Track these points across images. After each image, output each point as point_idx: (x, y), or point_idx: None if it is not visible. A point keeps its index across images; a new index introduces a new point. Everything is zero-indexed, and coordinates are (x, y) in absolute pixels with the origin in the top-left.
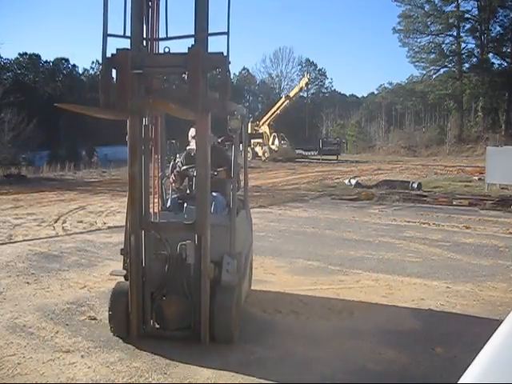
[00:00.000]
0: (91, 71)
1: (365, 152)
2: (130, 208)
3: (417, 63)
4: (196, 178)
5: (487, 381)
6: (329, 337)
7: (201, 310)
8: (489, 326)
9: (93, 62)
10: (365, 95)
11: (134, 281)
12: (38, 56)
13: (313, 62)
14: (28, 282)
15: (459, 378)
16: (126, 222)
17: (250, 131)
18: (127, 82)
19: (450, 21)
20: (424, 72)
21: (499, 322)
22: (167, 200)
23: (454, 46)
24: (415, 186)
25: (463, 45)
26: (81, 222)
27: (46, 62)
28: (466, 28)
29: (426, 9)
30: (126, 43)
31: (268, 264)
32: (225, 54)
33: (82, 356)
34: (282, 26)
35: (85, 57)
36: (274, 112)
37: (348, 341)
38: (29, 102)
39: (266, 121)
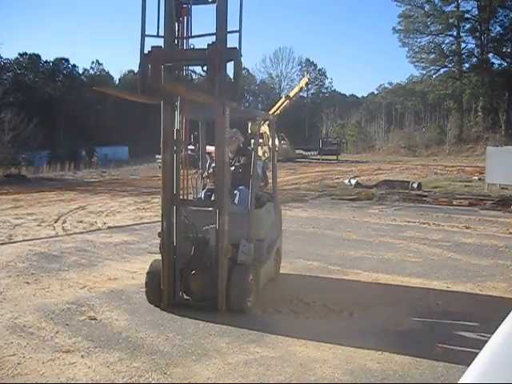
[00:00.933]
0: (91, 71)
1: (365, 152)
2: (163, 188)
3: (417, 63)
4: (215, 160)
5: (487, 381)
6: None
7: (218, 283)
8: (489, 326)
9: (93, 62)
10: (365, 95)
11: (166, 258)
12: (38, 56)
13: (313, 62)
14: (28, 282)
15: (459, 378)
16: (162, 208)
17: (249, 131)
18: (159, 73)
19: (450, 21)
20: (424, 72)
21: (499, 322)
22: (201, 192)
23: (453, 46)
24: (415, 185)
25: (463, 45)
26: (81, 222)
27: (46, 62)
28: (466, 28)
29: (425, 9)
30: (159, 41)
31: None
32: (237, 48)
33: (82, 356)
34: (281, 26)
35: (85, 57)
36: (274, 112)
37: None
38: (29, 102)
39: (266, 121)
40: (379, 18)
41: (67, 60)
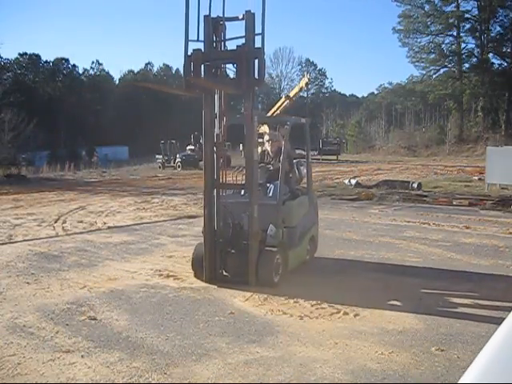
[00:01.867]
0: (91, 71)
1: (365, 152)
2: (204, 173)
3: (417, 63)
4: (245, 150)
5: (487, 381)
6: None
7: (249, 262)
8: (489, 326)
9: (93, 62)
10: (365, 95)
11: (208, 241)
12: (38, 56)
13: (313, 62)
14: (28, 282)
15: (459, 378)
16: (204, 199)
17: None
18: (199, 71)
19: (450, 21)
20: (424, 72)
21: (499, 322)
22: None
23: (453, 46)
24: (415, 186)
25: (463, 45)
26: (81, 222)
27: (46, 62)
28: (465, 28)
29: (425, 9)
30: (199, 45)
31: None
32: (261, 48)
33: (82, 356)
34: (281, 26)
35: (85, 57)
36: (274, 112)
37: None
38: (29, 102)
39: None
40: (379, 18)
41: (67, 60)
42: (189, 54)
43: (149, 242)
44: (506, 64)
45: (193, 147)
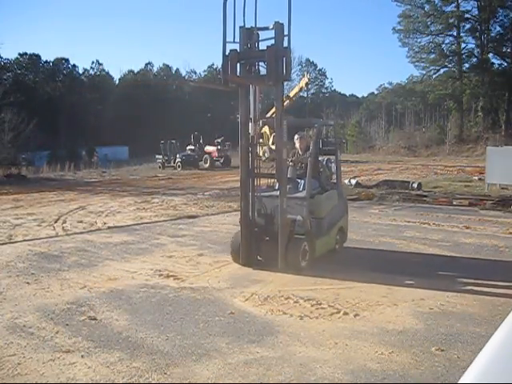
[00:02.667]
0: (91, 71)
1: (365, 152)
2: (241, 164)
3: (417, 63)
4: (275, 149)
5: (487, 381)
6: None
7: (279, 248)
8: (489, 326)
9: (93, 62)
10: (365, 95)
11: (244, 229)
12: (38, 56)
13: (313, 61)
14: (28, 282)
15: (459, 378)
16: (241, 192)
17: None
18: (235, 68)
19: (450, 21)
20: (424, 72)
21: (499, 322)
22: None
23: (453, 46)
24: (415, 186)
25: (463, 45)
26: (81, 222)
27: (46, 62)
28: (466, 28)
29: (426, 9)
30: (235, 45)
31: None
32: (288, 48)
33: (82, 356)
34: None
35: (85, 57)
36: (274, 112)
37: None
38: (29, 102)
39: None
40: (379, 18)
41: (67, 60)
42: (226, 54)
43: (149, 242)
44: (506, 64)
45: (193, 147)
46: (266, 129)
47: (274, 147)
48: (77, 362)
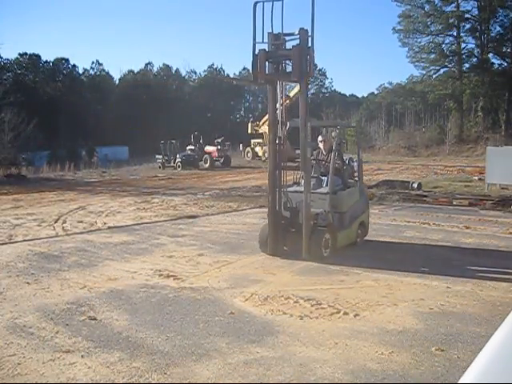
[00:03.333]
0: (91, 71)
1: (365, 152)
2: (269, 158)
3: (417, 63)
4: (300, 148)
5: (487, 381)
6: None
7: (303, 239)
8: (489, 326)
9: (93, 62)
10: (365, 95)
11: (271, 221)
12: (38, 56)
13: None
14: (28, 282)
15: (459, 378)
16: (269, 186)
17: (250, 131)
18: (263, 67)
19: (450, 21)
20: (424, 72)
21: (499, 322)
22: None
23: (454, 46)
24: (415, 185)
25: (463, 45)
26: (81, 222)
27: (46, 62)
28: (466, 28)
29: (426, 9)
30: (264, 45)
31: (268, 264)
32: (311, 47)
33: (82, 356)
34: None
35: (85, 57)
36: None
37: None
38: (29, 102)
39: (266, 121)
40: (379, 17)
41: (67, 60)
42: (256, 53)
43: (149, 242)
44: (506, 64)
45: (193, 147)
46: (266, 129)
47: None
48: (77, 362)
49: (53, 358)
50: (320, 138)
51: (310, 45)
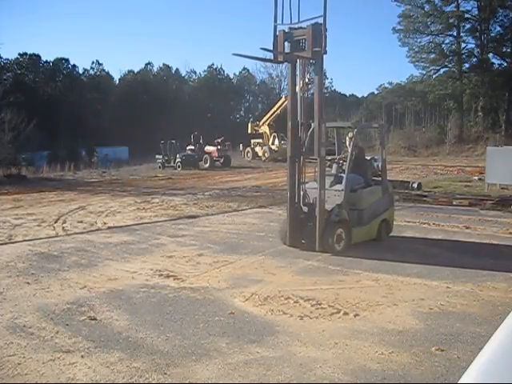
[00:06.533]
0: (91, 71)
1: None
2: (288, 148)
3: (417, 63)
4: (315, 148)
5: (487, 381)
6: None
7: (317, 233)
8: (489, 326)
9: (93, 62)
10: (365, 95)
11: (291, 215)
12: (38, 56)
13: (313, 62)
14: (28, 282)
15: (459, 378)
16: (288, 182)
17: (250, 131)
18: (282, 46)
19: (450, 21)
20: (424, 72)
21: (499, 322)
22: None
23: (453, 46)
24: (415, 185)
25: (463, 45)
26: (81, 222)
27: (46, 62)
28: (466, 28)
29: (425, 9)
30: (284, 27)
31: (268, 264)
32: (323, 25)
33: (82, 356)
34: None
35: (85, 57)
36: (274, 112)
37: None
38: (29, 102)
39: (266, 121)
40: (379, 18)
41: (67, 60)
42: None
43: (149, 242)
44: (505, 64)
45: (193, 147)
46: (266, 129)
47: (273, 147)
48: (77, 362)
49: (53, 358)
50: (349, 136)
51: (322, 22)
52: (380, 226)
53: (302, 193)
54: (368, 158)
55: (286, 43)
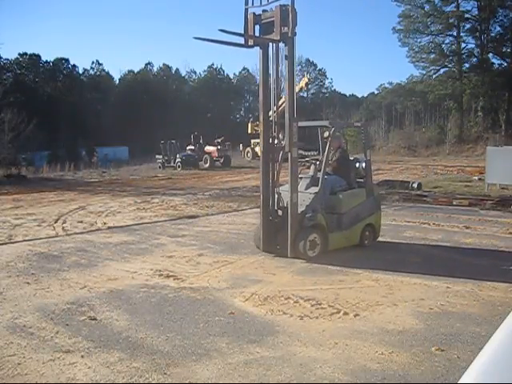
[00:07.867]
0: (91, 71)
1: None
2: (261, 151)
3: (417, 63)
4: (286, 141)
5: (487, 381)
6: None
7: (289, 238)
8: (489, 326)
9: (93, 62)
10: (365, 95)
11: (264, 220)
12: (38, 56)
13: (313, 61)
14: (28, 282)
15: (459, 378)
16: (261, 185)
17: (249, 131)
18: (252, 29)
19: (450, 21)
20: (424, 72)
21: (499, 322)
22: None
23: (453, 46)
24: (415, 185)
25: (463, 45)
26: (81, 222)
27: (46, 62)
28: (466, 28)
29: (425, 9)
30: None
31: (268, 264)
32: (292, 5)
33: (82, 356)
34: None
35: (85, 57)
36: (274, 112)
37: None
38: (29, 102)
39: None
40: (379, 17)
41: (67, 60)
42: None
43: (149, 242)
44: (505, 64)
45: (193, 147)
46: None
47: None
48: (77, 362)
49: (53, 358)
50: (325, 135)
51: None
52: (363, 231)
53: (276, 196)
54: (351, 158)
55: (256, 26)
